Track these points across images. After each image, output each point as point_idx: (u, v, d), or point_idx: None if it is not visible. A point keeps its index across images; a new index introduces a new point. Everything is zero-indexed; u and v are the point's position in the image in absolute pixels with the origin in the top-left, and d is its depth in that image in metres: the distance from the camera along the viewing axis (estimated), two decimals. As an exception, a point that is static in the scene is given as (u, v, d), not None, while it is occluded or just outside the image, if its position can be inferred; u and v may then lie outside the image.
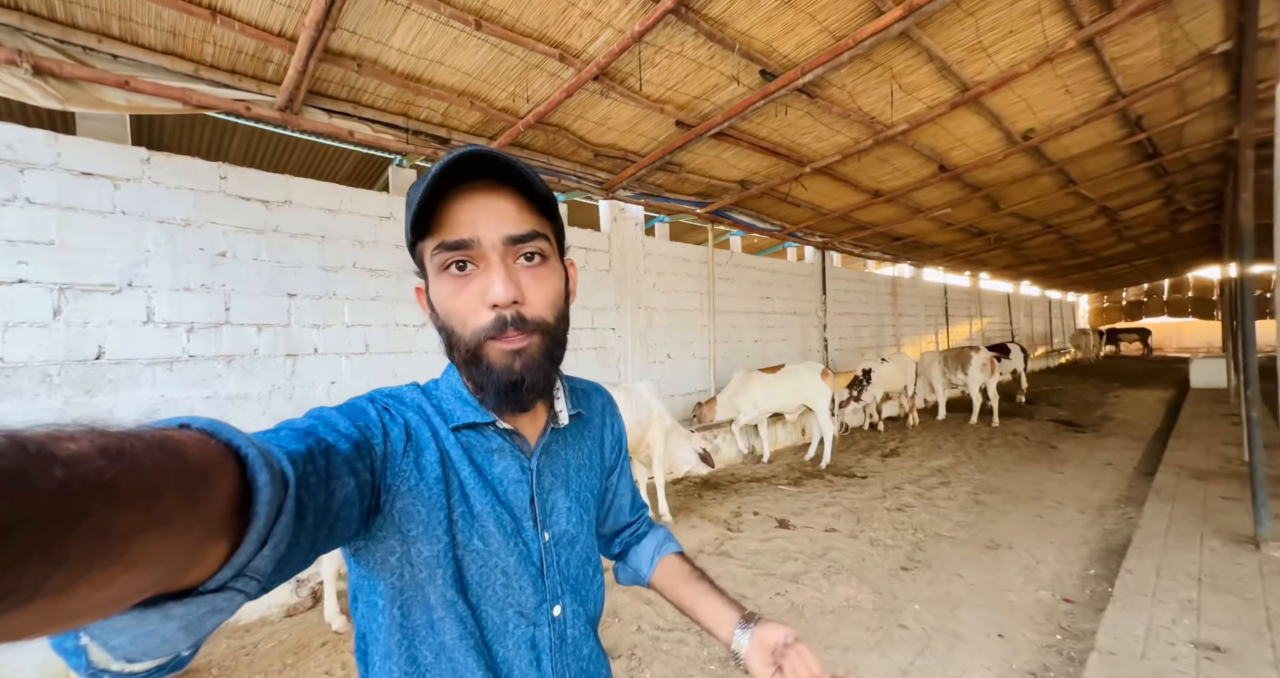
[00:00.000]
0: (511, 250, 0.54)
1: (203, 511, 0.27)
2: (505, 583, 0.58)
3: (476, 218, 0.53)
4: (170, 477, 0.25)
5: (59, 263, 2.56)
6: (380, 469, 0.51)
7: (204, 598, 0.31)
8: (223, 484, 0.30)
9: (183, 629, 0.30)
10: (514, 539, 0.58)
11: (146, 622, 0.29)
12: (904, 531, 3.69)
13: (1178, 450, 5.41)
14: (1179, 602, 2.52)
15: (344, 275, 3.54)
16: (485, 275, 0.54)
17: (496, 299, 0.52)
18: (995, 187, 6.41)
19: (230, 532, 0.31)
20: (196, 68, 2.78)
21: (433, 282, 0.56)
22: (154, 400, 2.79)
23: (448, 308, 0.55)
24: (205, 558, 0.29)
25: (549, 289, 0.57)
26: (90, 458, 0.21)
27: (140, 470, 0.23)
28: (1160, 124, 5.19)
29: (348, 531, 0.46)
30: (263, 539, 0.32)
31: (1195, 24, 3.70)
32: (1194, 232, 11.24)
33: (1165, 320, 25.13)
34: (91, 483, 0.21)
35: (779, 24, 3.10)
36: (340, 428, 0.49)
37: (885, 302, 10.01)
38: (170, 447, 0.26)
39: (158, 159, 2.84)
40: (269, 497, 0.32)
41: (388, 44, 2.88)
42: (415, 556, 0.53)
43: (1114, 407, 8.93)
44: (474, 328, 0.54)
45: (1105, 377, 13.40)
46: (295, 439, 0.43)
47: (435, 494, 0.54)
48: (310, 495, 0.40)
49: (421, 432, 0.56)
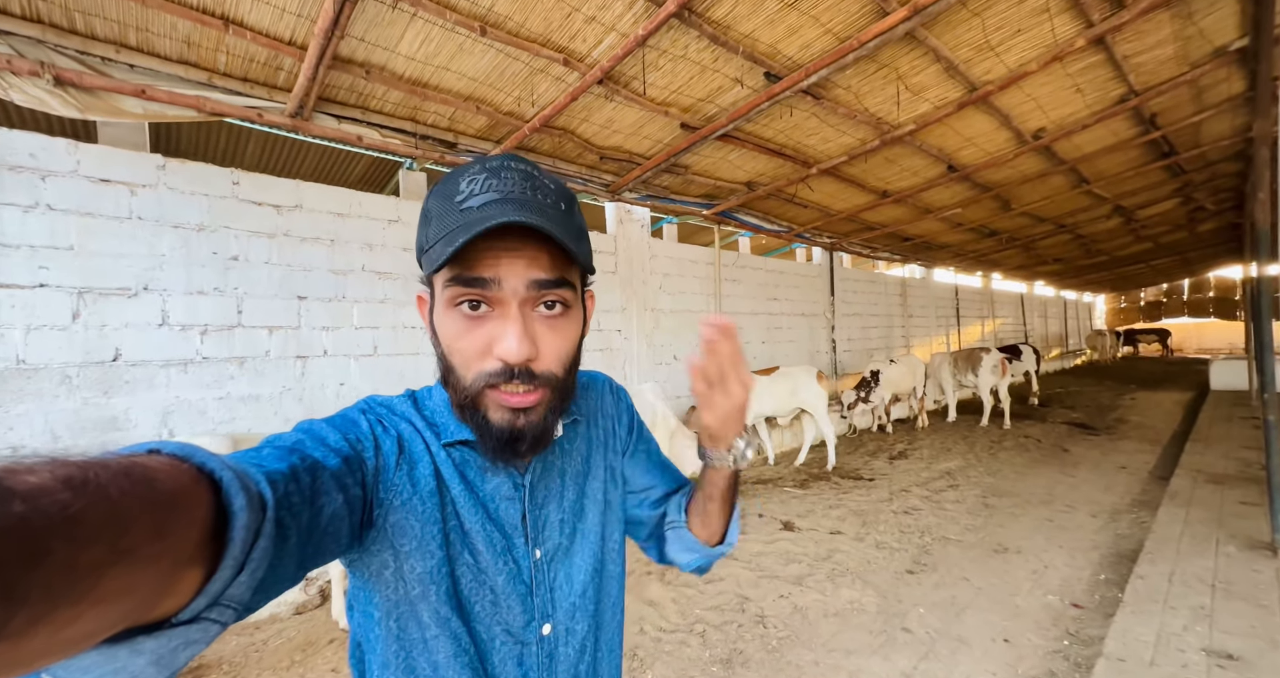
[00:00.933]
0: (533, 297, 0.50)
1: (174, 539, 0.26)
2: (493, 601, 0.57)
3: (501, 258, 0.49)
4: (138, 506, 0.24)
5: (78, 267, 2.63)
6: (372, 483, 0.50)
7: (177, 630, 0.29)
8: (195, 511, 0.28)
9: (153, 664, 0.29)
10: (503, 558, 0.57)
11: (114, 659, 0.27)
12: (910, 533, 3.66)
13: (1195, 454, 5.30)
14: (1191, 608, 2.47)
15: (353, 278, 3.59)
16: (500, 323, 0.50)
17: (508, 356, 0.49)
18: (1006, 186, 6.33)
19: (205, 559, 0.30)
20: (210, 76, 2.86)
21: (440, 310, 0.52)
22: (168, 401, 2.86)
23: (452, 346, 0.51)
24: (178, 588, 0.28)
25: (564, 342, 0.53)
26: (51, 491, 0.20)
27: (106, 501, 0.22)
28: (1175, 122, 5.10)
29: (338, 546, 0.45)
30: (239, 565, 0.31)
31: (1210, 20, 3.64)
32: (1214, 230, 11.00)
33: (1185, 321, 24.59)
34: (53, 517, 0.20)
35: (782, 26, 3.10)
36: (329, 442, 0.48)
37: (895, 303, 9.93)
38: (137, 474, 0.25)
39: (173, 165, 2.91)
40: (245, 521, 0.31)
41: (395, 51, 2.93)
42: (409, 571, 0.52)
43: (1130, 409, 8.76)
44: (477, 372, 0.51)
45: (1122, 378, 13.15)
46: (278, 458, 0.42)
47: (430, 509, 0.53)
48: (293, 516, 0.38)
49: (414, 444, 0.55)
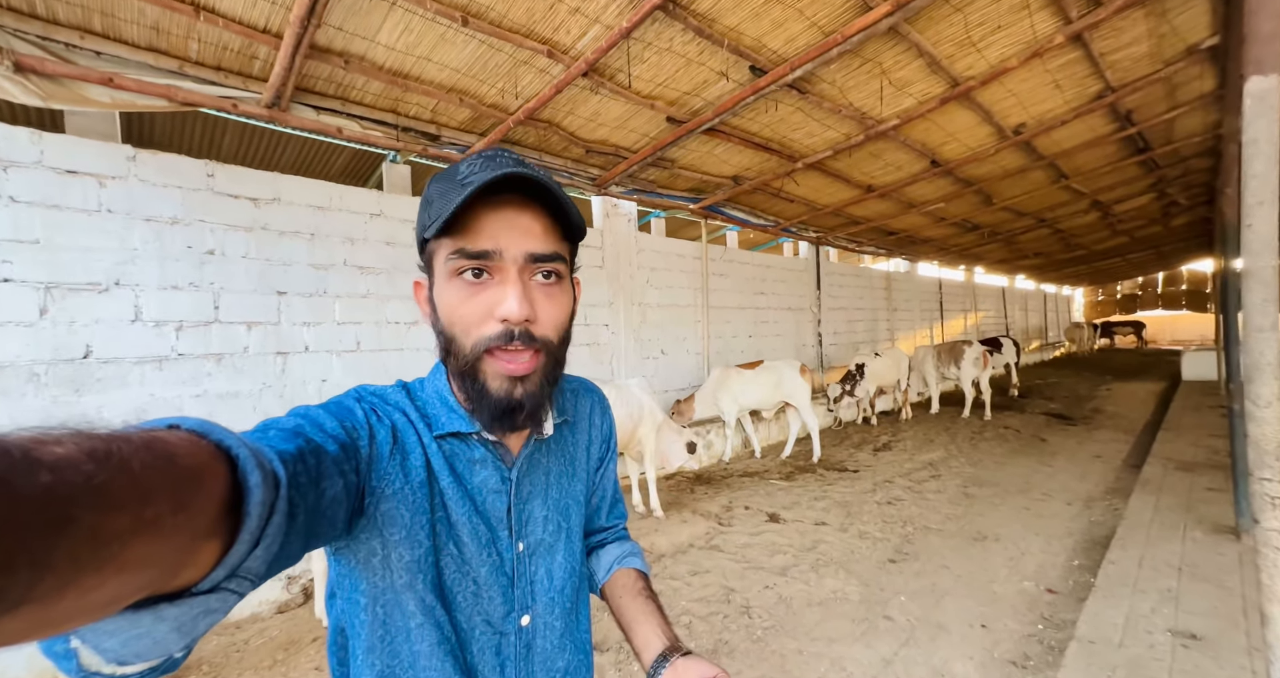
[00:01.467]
0: (530, 268, 0.53)
1: (194, 512, 0.27)
2: (475, 592, 0.58)
3: (501, 230, 0.52)
4: (159, 479, 0.25)
5: (45, 262, 2.55)
6: (366, 471, 0.51)
7: (197, 599, 0.30)
8: (214, 485, 0.29)
9: (175, 631, 0.30)
10: (487, 550, 0.58)
11: (138, 624, 0.29)
12: (893, 524, 3.73)
13: (1166, 442, 5.47)
14: (1159, 591, 2.56)
15: (334, 273, 3.53)
16: (500, 288, 0.53)
17: (509, 315, 0.51)
18: (988, 181, 6.42)
19: (222, 532, 0.31)
20: (181, 65, 2.77)
21: (441, 284, 0.54)
22: (143, 399, 2.79)
23: (454, 314, 0.53)
24: (197, 559, 0.29)
25: (559, 310, 0.56)
26: (77, 462, 0.21)
27: (128, 473, 0.23)
28: (1150, 118, 5.21)
29: (333, 531, 0.46)
30: (256, 540, 0.32)
31: (1183, 19, 3.71)
32: (1187, 225, 11.29)
33: (1160, 314, 25.28)
34: (78, 487, 0.21)
35: (767, 20, 3.09)
36: (327, 428, 0.49)
37: (880, 296, 10.05)
38: (159, 449, 0.26)
39: (144, 157, 2.83)
40: (261, 497, 0.32)
41: (374, 40, 2.87)
42: (395, 560, 0.53)
43: (1105, 399, 9.00)
44: (477, 337, 0.53)
45: (1098, 370, 13.50)
46: (284, 439, 0.43)
47: (419, 499, 0.54)
48: (301, 496, 0.39)
49: (408, 435, 0.56)
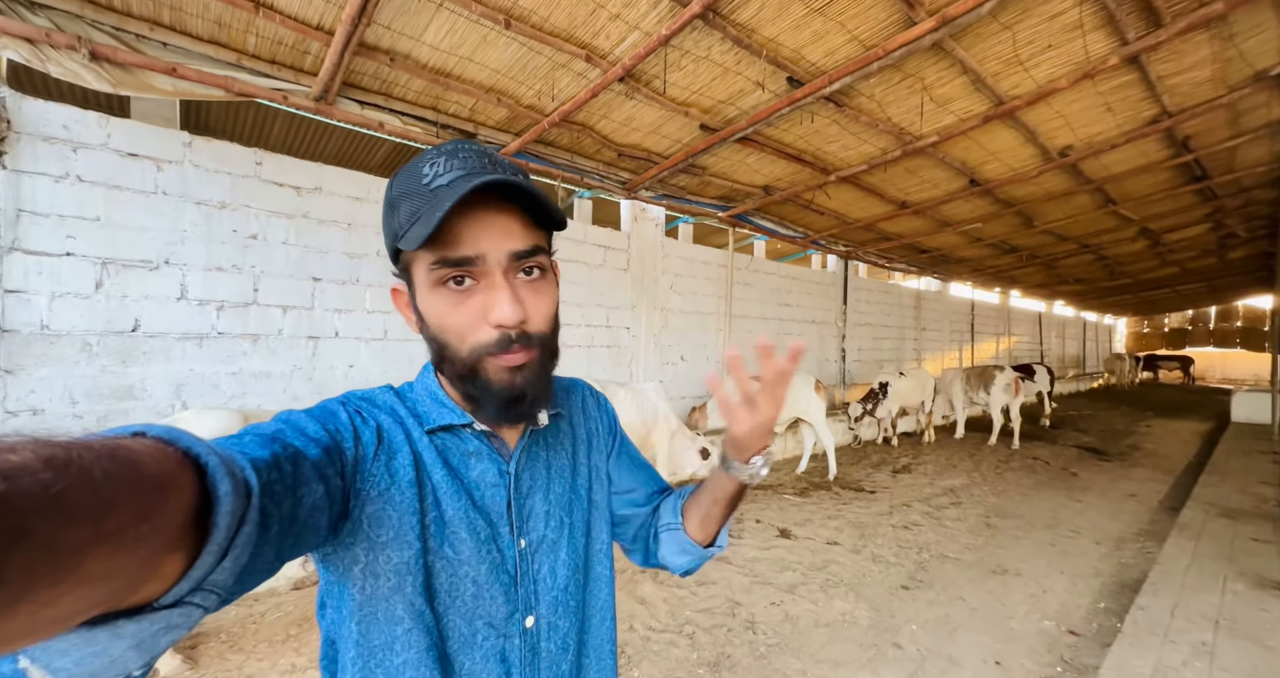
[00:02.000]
0: (515, 267, 0.53)
1: (158, 522, 0.26)
2: (475, 593, 0.56)
3: (480, 234, 0.51)
4: (122, 488, 0.24)
5: (103, 238, 2.70)
6: (351, 474, 0.50)
7: (159, 614, 0.29)
8: (180, 495, 0.28)
9: (134, 648, 0.28)
10: (488, 546, 0.57)
11: (94, 641, 0.27)
12: (908, 549, 3.62)
13: (1209, 486, 5.17)
14: (1192, 644, 2.41)
15: (367, 263, 3.64)
16: (488, 293, 0.52)
17: (504, 320, 0.51)
18: (1029, 203, 6.22)
19: (188, 544, 0.29)
20: (239, 57, 2.91)
21: (424, 293, 0.53)
22: (183, 373, 2.93)
23: (444, 322, 0.52)
24: (160, 572, 0.28)
25: (548, 303, 0.56)
26: (33, 470, 0.20)
27: (89, 482, 0.22)
28: (1210, 145, 4.97)
29: (316, 537, 0.45)
30: (223, 551, 0.31)
31: (1251, 43, 3.54)
32: (1244, 258, 10.71)
33: (1210, 350, 23.97)
34: (35, 497, 0.20)
35: (808, 32, 3.07)
36: (309, 432, 0.48)
37: (908, 315, 9.81)
38: (122, 456, 0.25)
39: (199, 143, 2.97)
40: (230, 507, 0.31)
41: (420, 40, 2.96)
42: (384, 564, 0.51)
43: (1144, 436, 8.57)
44: (473, 344, 0.52)
45: (1139, 404, 12.87)
46: (260, 446, 0.42)
47: (408, 499, 0.53)
48: (275, 504, 0.38)
49: (394, 434, 0.55)
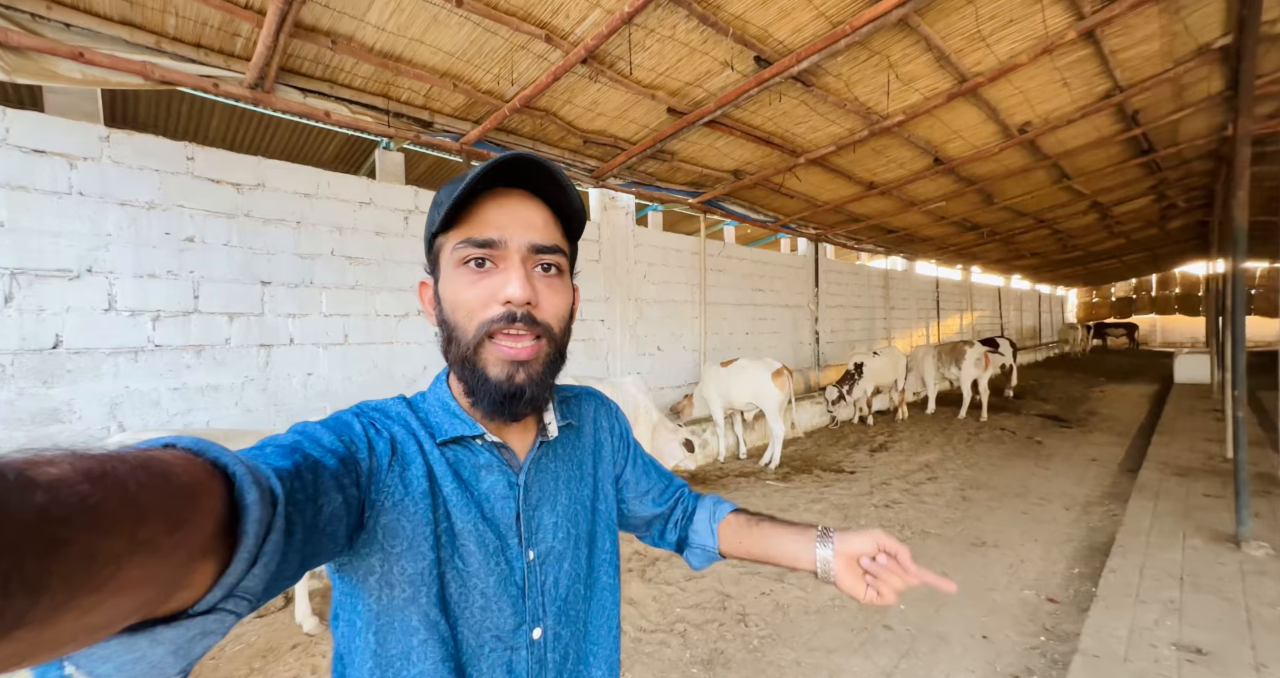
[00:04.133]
0: (532, 259, 0.55)
1: (190, 531, 0.27)
2: (484, 605, 0.56)
3: (506, 220, 0.54)
4: (155, 498, 0.25)
5: (10, 246, 2.42)
6: (366, 485, 0.50)
7: (194, 621, 0.30)
8: (210, 504, 0.29)
9: (172, 654, 0.30)
10: (496, 558, 0.57)
11: (134, 648, 0.28)
12: (891, 528, 3.68)
13: (1161, 447, 5.46)
14: (1162, 602, 2.52)
15: (321, 263, 3.41)
16: (504, 273, 0.54)
17: (512, 296, 0.53)
18: (989, 180, 6.35)
19: (219, 552, 0.30)
20: (158, 40, 2.63)
21: (447, 275, 0.56)
22: (117, 392, 2.68)
23: (458, 300, 0.54)
24: (193, 580, 0.29)
25: (560, 300, 0.57)
26: (72, 482, 0.21)
27: (124, 493, 0.23)
28: (1156, 119, 5.15)
29: (334, 547, 0.46)
30: (253, 558, 0.32)
31: (1197, 17, 3.64)
32: (1182, 228, 11.32)
33: (1152, 316, 25.45)
34: (74, 508, 0.21)
35: (774, 8, 2.98)
36: (325, 443, 0.48)
37: (877, 295, 10.00)
38: (155, 468, 0.26)
39: (118, 137, 2.69)
40: (258, 515, 0.32)
41: (363, 20, 2.73)
42: (399, 574, 0.52)
43: (1099, 401, 9.02)
44: (480, 320, 0.54)
45: (1092, 371, 13.55)
46: (281, 456, 0.43)
47: (421, 509, 0.53)
48: (299, 513, 0.39)
49: (408, 446, 0.55)
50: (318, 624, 2.45)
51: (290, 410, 3.24)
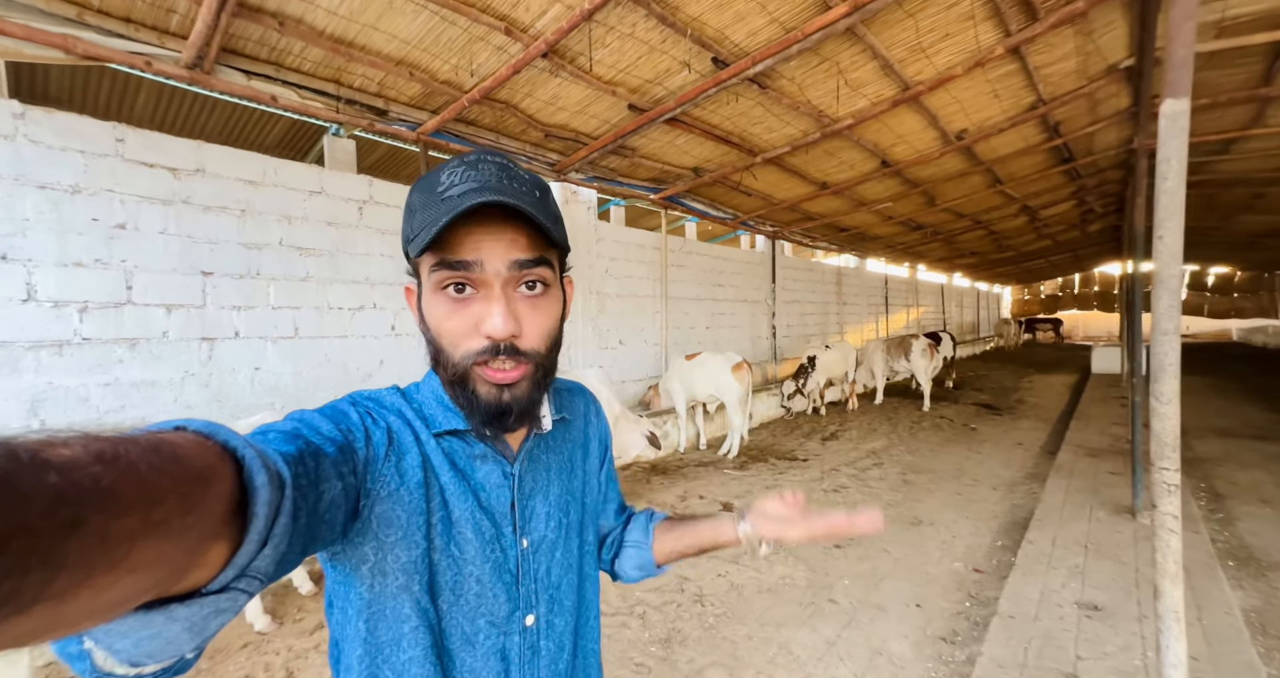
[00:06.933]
0: (515, 278, 0.53)
1: (201, 513, 0.28)
2: (479, 591, 0.57)
3: (482, 240, 0.51)
4: (167, 480, 0.25)
5: (-89, 232, 2.22)
6: (362, 473, 0.50)
7: (208, 599, 0.31)
8: (220, 486, 0.30)
9: (187, 631, 0.31)
10: (491, 546, 0.58)
11: (150, 625, 0.29)
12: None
13: (1077, 431, 6.01)
14: (1068, 568, 2.82)
15: (269, 253, 3.28)
16: (484, 303, 0.52)
17: (494, 333, 0.52)
18: (931, 183, 6.75)
19: (230, 534, 0.31)
20: (80, 12, 2.45)
21: (428, 295, 0.54)
22: (39, 388, 2.50)
23: (440, 327, 0.54)
24: (206, 560, 0.30)
25: (546, 320, 0.56)
26: (85, 464, 0.21)
27: (136, 475, 0.23)
28: (1075, 131, 5.62)
29: (331, 534, 0.46)
30: (263, 539, 0.33)
31: (1106, 39, 4.00)
32: (1100, 231, 12.35)
33: (1075, 312, 27.67)
34: (87, 489, 0.21)
35: (730, 12, 3.08)
36: (324, 431, 0.49)
37: (831, 291, 10.42)
38: (166, 450, 0.26)
39: (35, 115, 2.50)
40: (267, 497, 0.33)
41: (313, 3, 2.64)
42: (391, 563, 0.52)
43: (1028, 390, 9.77)
44: (465, 351, 0.53)
45: (1023, 363, 14.63)
46: (284, 441, 0.43)
47: (415, 499, 0.54)
48: (303, 497, 0.40)
49: (403, 436, 0.56)
50: (269, 623, 2.39)
51: (236, 406, 3.11)
